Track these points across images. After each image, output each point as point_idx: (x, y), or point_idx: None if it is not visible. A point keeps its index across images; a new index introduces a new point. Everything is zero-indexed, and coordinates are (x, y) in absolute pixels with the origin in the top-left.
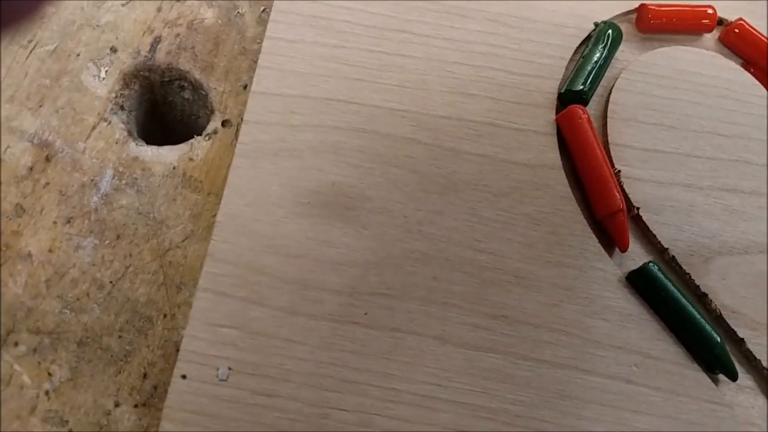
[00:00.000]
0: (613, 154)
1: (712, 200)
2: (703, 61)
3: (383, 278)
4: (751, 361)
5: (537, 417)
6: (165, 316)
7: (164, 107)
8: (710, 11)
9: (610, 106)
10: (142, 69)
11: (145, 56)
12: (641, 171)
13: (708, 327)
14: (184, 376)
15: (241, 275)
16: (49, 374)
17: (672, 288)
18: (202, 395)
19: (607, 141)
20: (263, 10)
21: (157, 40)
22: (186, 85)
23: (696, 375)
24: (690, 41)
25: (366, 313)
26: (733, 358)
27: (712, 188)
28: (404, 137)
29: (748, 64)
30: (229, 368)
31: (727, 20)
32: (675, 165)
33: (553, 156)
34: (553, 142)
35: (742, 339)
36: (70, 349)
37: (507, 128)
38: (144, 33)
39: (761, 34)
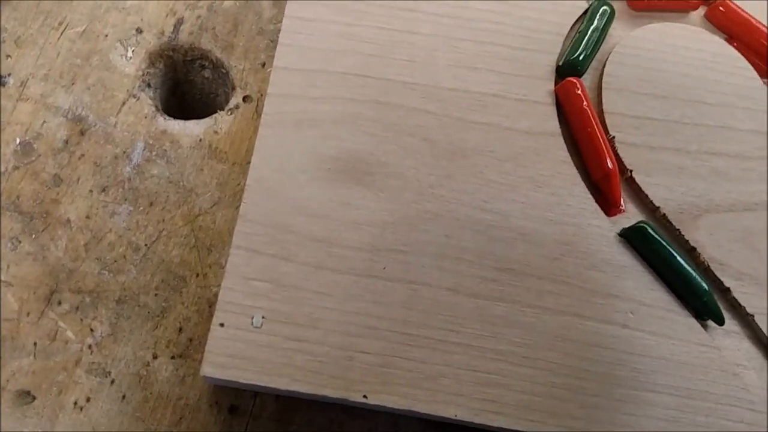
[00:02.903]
0: (607, 121)
1: (700, 163)
2: (690, 36)
3: (399, 236)
4: (736, 308)
5: (542, 358)
6: (197, 275)
7: (185, 86)
8: None
9: (605, 78)
10: (166, 49)
11: (169, 36)
12: (634, 137)
13: (696, 277)
14: (222, 324)
15: (271, 234)
16: (91, 330)
17: (662, 243)
18: (239, 341)
19: (602, 110)
20: None
21: (179, 22)
22: (207, 64)
23: (686, 320)
24: (678, 18)
25: (384, 268)
26: (720, 305)
27: (699, 152)
28: (415, 108)
29: (731, 39)
30: (263, 317)
31: None
32: (665, 131)
33: (553, 124)
34: (553, 111)
35: (728, 288)
36: (109, 306)
37: (510, 99)
38: (167, 15)
39: (743, 11)
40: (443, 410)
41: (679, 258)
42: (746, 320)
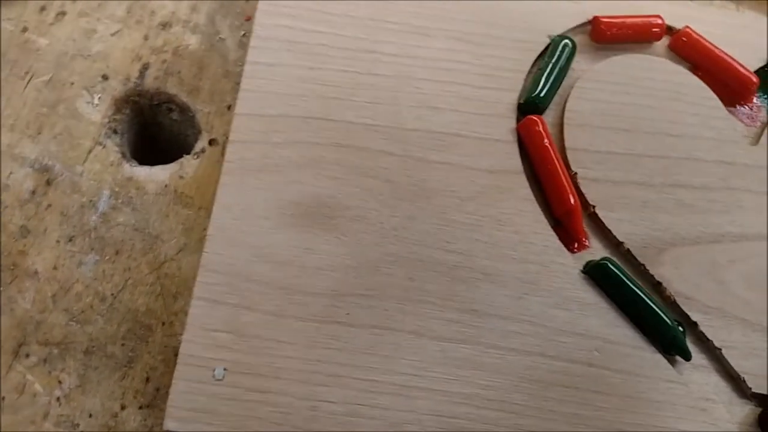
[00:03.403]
0: (570, 157)
1: (664, 196)
2: (653, 67)
3: (362, 280)
4: (704, 342)
5: (507, 400)
6: (163, 323)
7: (154, 129)
8: (659, 20)
9: (567, 114)
10: (132, 94)
11: (135, 82)
12: (596, 172)
13: (661, 312)
14: (183, 379)
15: (232, 283)
16: (59, 382)
17: (625, 280)
18: (201, 394)
19: (564, 146)
20: (243, 34)
21: (145, 67)
22: (174, 107)
23: (653, 357)
24: (641, 49)
25: (348, 313)
26: (687, 340)
27: (663, 185)
28: (378, 150)
29: (695, 69)
30: (225, 369)
31: (675, 28)
32: (628, 165)
33: (515, 162)
34: (515, 149)
35: (695, 322)
36: (77, 357)
37: (472, 138)
38: (133, 60)
39: (706, 41)
40: None
41: (642, 294)
42: (714, 354)
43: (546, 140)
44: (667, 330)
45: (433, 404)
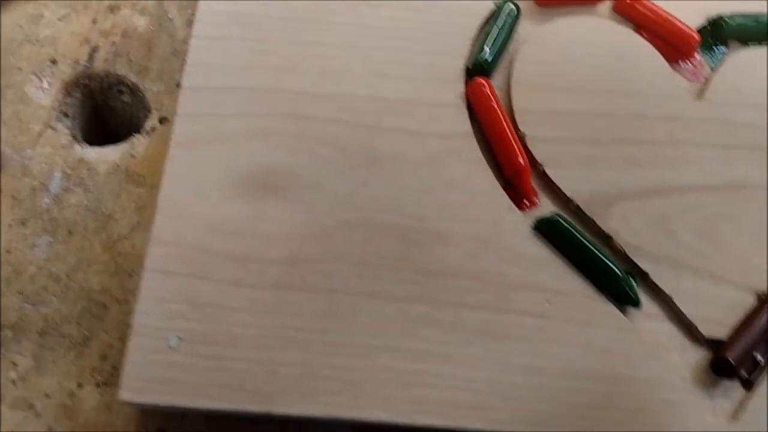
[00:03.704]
0: (518, 118)
1: (612, 152)
2: (598, 28)
3: (317, 247)
4: (655, 291)
5: (462, 354)
6: (118, 301)
7: (106, 112)
8: None
9: (513, 76)
10: (81, 77)
11: (84, 65)
12: (544, 132)
13: (609, 263)
14: (138, 349)
15: (185, 254)
16: (14, 364)
17: (575, 233)
18: (156, 364)
19: (512, 107)
20: (192, 13)
21: (94, 50)
22: (124, 89)
23: (604, 306)
24: (585, 11)
25: (303, 279)
26: (639, 290)
27: (610, 141)
28: (328, 118)
29: (639, 29)
30: (179, 337)
31: None
32: (575, 124)
33: (465, 126)
34: (464, 112)
35: (646, 272)
36: (32, 339)
37: (421, 103)
38: (81, 44)
39: (649, 1)
40: (367, 414)
41: (590, 245)
42: (666, 302)
43: (494, 102)
44: (617, 280)
45: (390, 361)
